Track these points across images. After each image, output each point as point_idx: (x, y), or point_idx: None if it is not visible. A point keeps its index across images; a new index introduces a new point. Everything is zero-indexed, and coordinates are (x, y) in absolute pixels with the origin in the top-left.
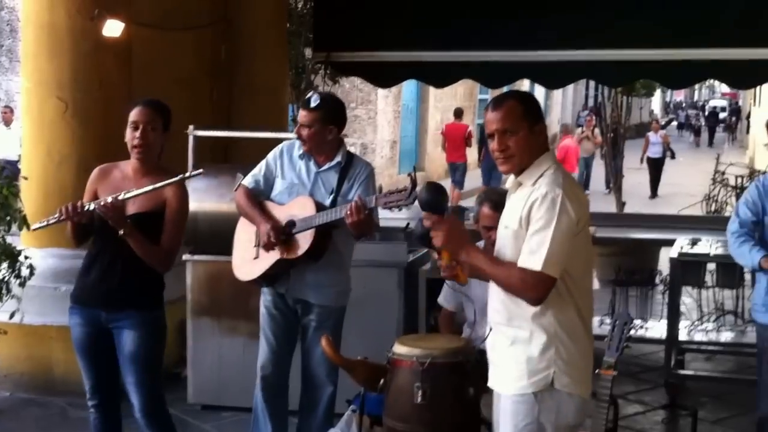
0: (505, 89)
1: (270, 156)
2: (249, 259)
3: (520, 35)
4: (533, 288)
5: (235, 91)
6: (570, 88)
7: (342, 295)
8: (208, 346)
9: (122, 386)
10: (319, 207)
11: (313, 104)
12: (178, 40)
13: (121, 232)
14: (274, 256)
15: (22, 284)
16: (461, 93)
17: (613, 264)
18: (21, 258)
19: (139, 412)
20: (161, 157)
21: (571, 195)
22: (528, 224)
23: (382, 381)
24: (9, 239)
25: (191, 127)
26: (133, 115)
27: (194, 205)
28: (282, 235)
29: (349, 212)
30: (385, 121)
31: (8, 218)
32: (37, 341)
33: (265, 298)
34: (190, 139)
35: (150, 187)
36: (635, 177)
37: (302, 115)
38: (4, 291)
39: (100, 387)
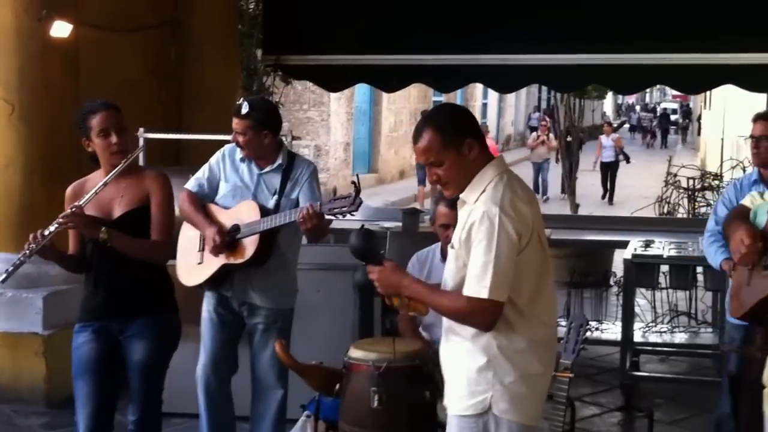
0: (459, 93)
1: (213, 159)
2: (194, 264)
3: (471, 40)
4: (481, 315)
5: (185, 93)
6: (523, 90)
7: (289, 296)
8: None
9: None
10: (264, 212)
11: (243, 112)
12: (127, 42)
13: (101, 237)
14: (219, 261)
15: None
16: (415, 96)
17: (568, 266)
18: None
19: (135, 415)
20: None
21: (509, 211)
22: (468, 246)
23: (338, 385)
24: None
25: (141, 129)
26: (100, 122)
27: None
28: (227, 238)
29: (301, 219)
30: (338, 123)
31: None
32: None
33: (208, 302)
34: (140, 141)
35: (101, 183)
36: (589, 179)
37: (235, 122)
38: None
39: (99, 416)
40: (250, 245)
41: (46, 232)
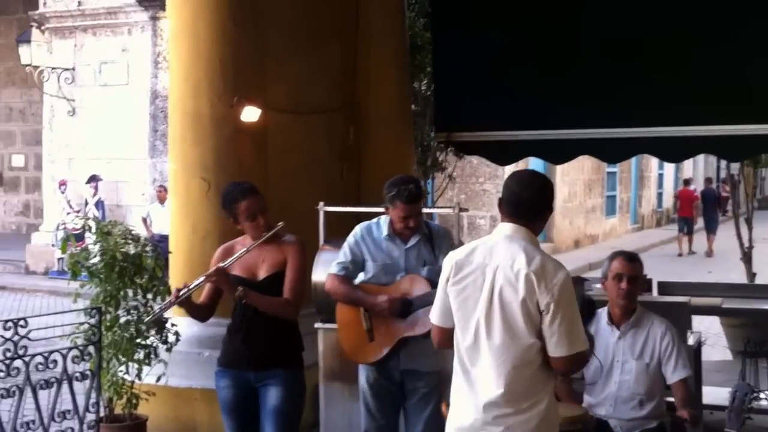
0: (633, 165)
1: (351, 241)
2: (365, 343)
3: (631, 113)
4: None
5: (363, 170)
6: (701, 161)
7: (440, 357)
8: (340, 411)
9: None
10: (432, 283)
11: (416, 193)
12: (310, 124)
13: (238, 295)
14: (397, 335)
15: (168, 350)
16: (588, 167)
17: (743, 335)
18: (168, 325)
19: None
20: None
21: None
22: None
23: None
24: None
25: (321, 203)
26: (248, 208)
27: (323, 276)
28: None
29: None
30: None
31: (155, 289)
32: (182, 402)
33: (365, 372)
34: (320, 214)
35: (243, 250)
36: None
37: (407, 208)
38: (152, 356)
39: None
40: (424, 316)
41: (192, 285)
